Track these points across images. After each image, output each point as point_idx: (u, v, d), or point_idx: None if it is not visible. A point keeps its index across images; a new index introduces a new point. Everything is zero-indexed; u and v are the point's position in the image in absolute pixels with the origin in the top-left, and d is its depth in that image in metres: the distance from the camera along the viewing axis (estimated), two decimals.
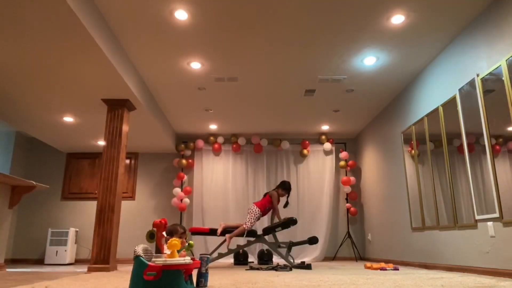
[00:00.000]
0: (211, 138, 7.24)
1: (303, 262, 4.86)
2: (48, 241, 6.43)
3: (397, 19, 3.68)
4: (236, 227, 5.04)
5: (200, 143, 7.24)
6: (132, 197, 7.23)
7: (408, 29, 3.86)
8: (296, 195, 7.18)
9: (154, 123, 5.75)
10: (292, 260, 5.02)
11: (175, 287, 1.98)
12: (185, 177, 7.24)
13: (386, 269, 4.14)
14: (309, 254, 6.82)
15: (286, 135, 7.40)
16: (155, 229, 2.14)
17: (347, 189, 7.12)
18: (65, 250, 6.39)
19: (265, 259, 5.79)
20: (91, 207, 7.13)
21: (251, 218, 5.03)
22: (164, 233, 2.15)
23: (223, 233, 5.05)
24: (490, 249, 3.35)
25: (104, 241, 4.34)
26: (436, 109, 4.30)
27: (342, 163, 7.31)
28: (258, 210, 5.08)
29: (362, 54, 4.38)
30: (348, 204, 7.14)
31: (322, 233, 6.89)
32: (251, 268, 4.53)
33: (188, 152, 7.26)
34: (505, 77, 3.14)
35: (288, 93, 5.44)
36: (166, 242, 2.13)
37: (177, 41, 4.09)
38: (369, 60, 4.51)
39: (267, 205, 5.19)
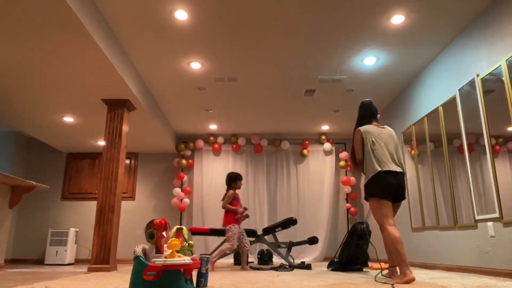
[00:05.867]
0: (211, 138, 7.24)
1: (303, 262, 4.87)
2: (48, 241, 6.43)
3: (397, 19, 3.68)
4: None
5: (200, 143, 7.24)
6: (132, 197, 7.23)
7: (408, 29, 3.86)
8: (296, 195, 7.18)
9: (154, 123, 5.75)
10: (292, 260, 5.02)
11: (174, 287, 1.98)
12: (185, 177, 7.24)
13: None
14: (309, 254, 6.82)
15: (286, 135, 7.40)
16: (155, 229, 2.14)
17: (347, 189, 7.12)
18: (65, 250, 6.39)
19: (265, 259, 5.79)
20: (91, 207, 7.13)
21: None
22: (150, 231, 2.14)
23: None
24: (490, 249, 3.34)
25: (104, 241, 4.34)
26: (436, 109, 4.30)
27: (342, 163, 7.31)
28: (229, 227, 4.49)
29: (362, 54, 4.38)
30: (348, 204, 7.14)
31: (322, 233, 6.89)
32: (251, 268, 4.53)
33: (188, 152, 7.26)
34: (505, 77, 3.14)
35: (288, 93, 5.44)
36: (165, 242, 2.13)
37: (177, 41, 4.09)
38: (369, 60, 4.50)
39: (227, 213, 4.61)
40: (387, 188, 2.97)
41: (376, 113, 3.28)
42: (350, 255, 4.25)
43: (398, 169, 3.00)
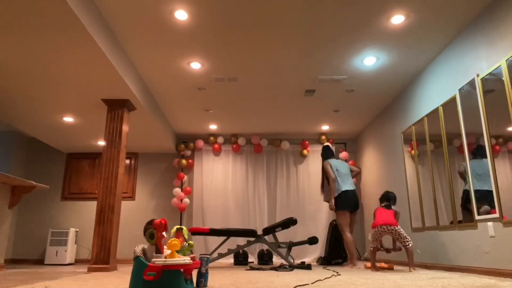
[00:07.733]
0: (211, 138, 7.24)
1: (303, 262, 4.87)
2: (48, 241, 6.43)
3: (397, 19, 3.68)
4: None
5: (200, 143, 7.24)
6: (132, 197, 7.23)
7: (408, 29, 3.86)
8: (296, 195, 7.18)
9: (154, 123, 5.75)
10: (292, 260, 5.02)
11: (175, 287, 1.98)
12: (185, 177, 7.24)
13: None
14: (309, 254, 6.82)
15: (286, 135, 7.40)
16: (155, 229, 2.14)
17: None
18: (65, 250, 6.39)
19: (265, 259, 5.79)
20: (91, 207, 7.13)
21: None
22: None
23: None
24: (490, 249, 3.34)
25: (104, 241, 4.34)
26: (436, 109, 4.30)
27: None
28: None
29: (362, 54, 4.38)
30: None
31: (322, 233, 6.88)
32: (251, 268, 4.53)
33: (188, 152, 7.26)
34: (505, 77, 3.14)
35: (288, 93, 5.44)
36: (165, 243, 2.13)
37: (177, 41, 4.09)
38: (369, 60, 4.50)
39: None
40: (348, 202, 4.90)
41: (333, 152, 5.43)
42: (332, 249, 4.93)
43: (352, 188, 5.05)
